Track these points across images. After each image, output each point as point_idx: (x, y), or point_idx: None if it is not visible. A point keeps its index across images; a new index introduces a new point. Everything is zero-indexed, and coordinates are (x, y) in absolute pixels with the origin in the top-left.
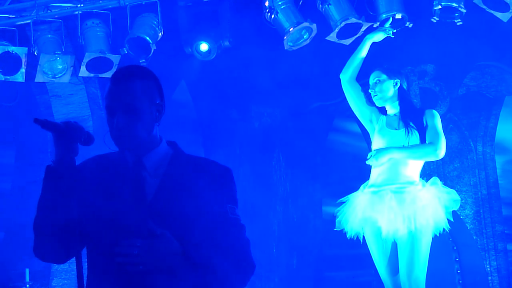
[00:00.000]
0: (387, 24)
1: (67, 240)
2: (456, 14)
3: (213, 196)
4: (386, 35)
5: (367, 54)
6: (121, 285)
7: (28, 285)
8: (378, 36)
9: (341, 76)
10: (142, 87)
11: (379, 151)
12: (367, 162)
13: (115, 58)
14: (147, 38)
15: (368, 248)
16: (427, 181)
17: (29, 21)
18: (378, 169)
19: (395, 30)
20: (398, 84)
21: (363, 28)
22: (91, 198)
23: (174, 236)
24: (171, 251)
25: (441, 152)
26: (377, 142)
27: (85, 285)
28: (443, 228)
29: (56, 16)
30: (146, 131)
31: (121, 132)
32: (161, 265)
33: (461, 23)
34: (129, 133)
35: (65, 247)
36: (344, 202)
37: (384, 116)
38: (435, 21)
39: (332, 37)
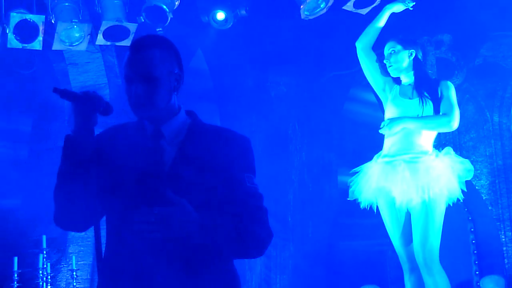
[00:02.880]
0: None
1: (86, 209)
2: None
3: (230, 165)
4: (405, 7)
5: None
6: (139, 252)
7: (45, 252)
8: (398, 7)
9: (356, 44)
10: (160, 56)
11: (392, 120)
12: (380, 131)
13: (132, 27)
14: (164, 7)
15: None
16: (441, 151)
17: None
18: (391, 138)
19: (414, 3)
20: (413, 55)
21: None
22: (110, 167)
23: (192, 205)
24: (188, 220)
25: (455, 123)
26: (390, 111)
27: (103, 253)
28: (457, 198)
29: None
30: (164, 100)
31: (138, 100)
32: (178, 233)
33: None
34: (146, 101)
35: (85, 215)
36: (357, 172)
37: (398, 85)
38: None
39: (349, 6)
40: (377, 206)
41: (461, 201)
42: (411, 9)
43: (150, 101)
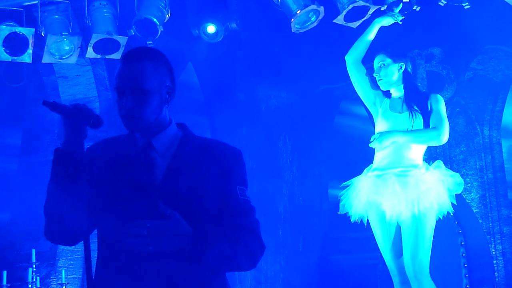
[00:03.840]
0: (397, 10)
1: (77, 222)
2: None
3: (222, 177)
4: (395, 21)
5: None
6: (131, 266)
7: (34, 266)
8: (387, 21)
9: (346, 57)
10: (152, 68)
11: (382, 134)
12: (370, 145)
13: (122, 40)
14: (154, 20)
15: None
16: (431, 164)
17: (36, 1)
18: (381, 152)
19: (403, 17)
20: (403, 68)
21: (371, 11)
22: (101, 180)
23: (184, 217)
24: (180, 232)
25: (444, 137)
26: (380, 125)
27: (93, 267)
28: (448, 212)
29: None
30: (154, 113)
31: (128, 113)
32: (170, 246)
33: (468, 6)
34: (136, 113)
35: (75, 229)
36: (347, 186)
37: (388, 99)
38: (442, 4)
39: (340, 20)
40: (367, 220)
41: (451, 214)
42: (400, 23)
43: (140, 114)
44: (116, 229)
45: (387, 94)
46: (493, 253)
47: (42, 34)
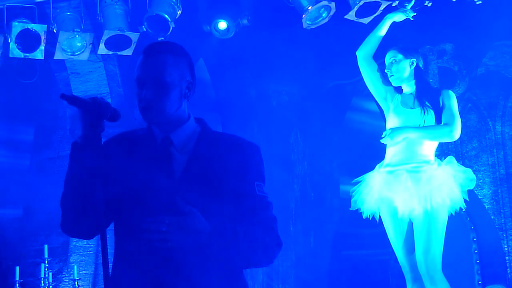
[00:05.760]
0: (409, 6)
1: (94, 216)
2: None
3: (241, 173)
4: (406, 17)
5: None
6: (149, 261)
7: (46, 261)
8: (399, 16)
9: (357, 53)
10: (173, 62)
11: (394, 130)
12: (382, 141)
13: (134, 36)
14: (166, 16)
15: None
16: (443, 160)
17: None
18: (393, 148)
19: (415, 13)
20: (415, 64)
21: (382, 7)
22: (118, 174)
23: (202, 213)
24: (198, 229)
25: (456, 134)
26: (392, 121)
27: (111, 262)
28: (460, 208)
29: None
30: (174, 106)
31: (148, 104)
32: (188, 242)
33: (480, 2)
34: (156, 106)
35: (92, 223)
36: (359, 182)
37: (399, 94)
38: (454, 0)
39: (351, 15)
40: (379, 216)
41: (464, 210)
42: (412, 19)
43: (159, 106)
44: (134, 225)
45: (398, 89)
46: (506, 249)
47: (54, 31)
